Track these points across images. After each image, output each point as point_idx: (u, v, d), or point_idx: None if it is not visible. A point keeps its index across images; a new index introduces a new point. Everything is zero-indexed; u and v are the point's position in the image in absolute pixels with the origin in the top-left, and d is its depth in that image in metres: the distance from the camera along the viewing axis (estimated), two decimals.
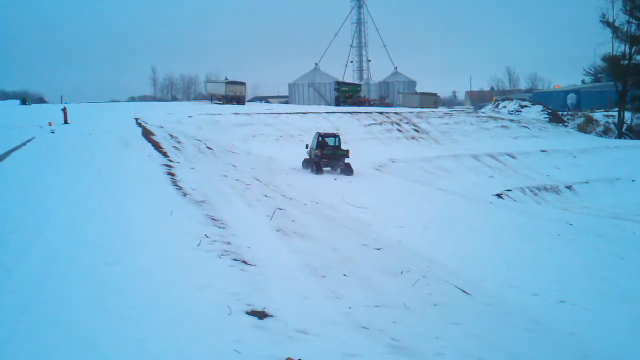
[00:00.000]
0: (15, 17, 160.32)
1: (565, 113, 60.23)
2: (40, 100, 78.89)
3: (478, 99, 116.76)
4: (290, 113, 42.42)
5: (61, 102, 59.04)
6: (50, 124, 31.93)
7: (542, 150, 38.78)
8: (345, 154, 26.31)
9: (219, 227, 9.62)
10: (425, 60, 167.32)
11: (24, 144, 23.46)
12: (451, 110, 60.35)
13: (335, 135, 27.73)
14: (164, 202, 11.16)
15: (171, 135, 27.73)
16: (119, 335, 5.14)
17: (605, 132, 53.89)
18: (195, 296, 6.19)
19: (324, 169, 26.12)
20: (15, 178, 15.04)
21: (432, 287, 8.94)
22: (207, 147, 26.68)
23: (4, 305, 5.91)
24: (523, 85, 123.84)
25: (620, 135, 52.14)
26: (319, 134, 27.42)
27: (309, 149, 27.34)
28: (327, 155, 26.17)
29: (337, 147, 26.57)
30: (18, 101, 62.58)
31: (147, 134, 26.68)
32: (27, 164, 17.86)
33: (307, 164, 27.17)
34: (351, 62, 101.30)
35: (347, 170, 25.98)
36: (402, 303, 7.29)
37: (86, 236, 8.64)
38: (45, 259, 7.45)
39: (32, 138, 25.56)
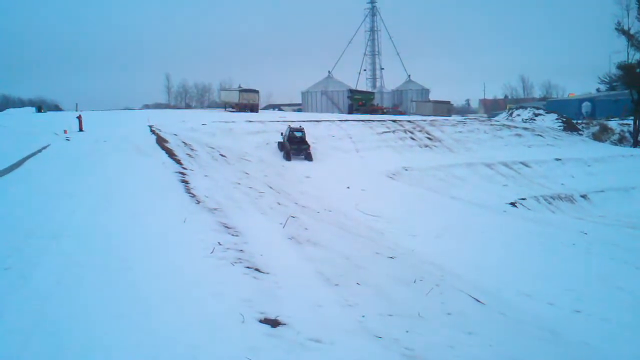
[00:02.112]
0: (32, 26, 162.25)
1: (580, 121, 59.83)
2: (56, 108, 79.66)
3: (492, 107, 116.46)
4: (303, 121, 42.41)
5: (76, 110, 59.55)
6: (65, 131, 32.21)
7: (557, 159, 38.48)
8: (308, 147, 33.71)
9: (232, 235, 9.63)
10: (439, 69, 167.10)
11: (39, 151, 23.66)
12: (465, 119, 60.13)
13: (301, 130, 34.76)
14: (177, 209, 11.20)
15: (185, 143, 27.84)
16: (132, 341, 5.15)
17: (621, 141, 53.42)
18: (209, 303, 6.20)
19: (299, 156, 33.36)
20: (30, 185, 15.17)
21: (446, 296, 8.89)
22: (220, 154, 26.75)
23: (20, 310, 5.95)
24: (537, 93, 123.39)
25: (635, 144, 51.66)
26: (290, 128, 34.78)
27: (283, 135, 35.03)
28: (294, 146, 33.59)
29: (302, 140, 33.95)
30: (34, 109, 63.26)
31: (161, 142, 26.80)
32: (43, 170, 17.99)
33: (281, 146, 34.41)
34: (364, 70, 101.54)
35: (308, 157, 33.32)
36: (416, 312, 7.26)
37: (100, 242, 8.69)
38: (60, 265, 7.50)
39: (48, 145, 25.77)
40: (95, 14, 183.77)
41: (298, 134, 34.17)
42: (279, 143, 34.93)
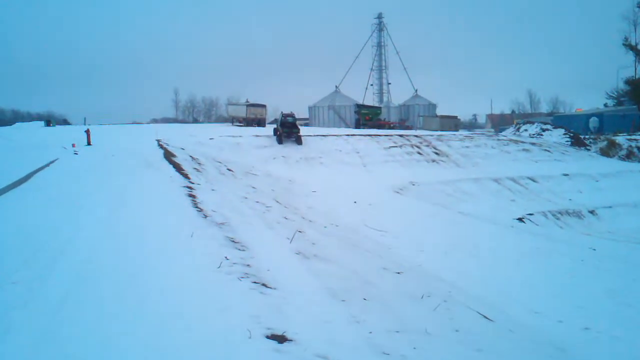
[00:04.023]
0: (40, 41, 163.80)
1: (587, 137, 59.63)
2: (64, 122, 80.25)
3: (499, 122, 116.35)
4: (310, 135, 42.53)
5: (84, 124, 59.94)
6: (73, 145, 32.39)
7: (564, 174, 38.35)
8: (298, 130, 39.71)
9: (239, 249, 9.62)
10: (446, 83, 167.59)
11: (47, 165, 23.78)
12: (472, 134, 60.06)
13: (292, 115, 40.79)
14: (185, 224, 11.20)
15: (192, 157, 27.93)
16: (139, 357, 5.13)
17: (629, 156, 53.13)
18: (216, 319, 6.17)
19: (284, 140, 38.79)
20: (38, 199, 15.22)
21: (454, 312, 8.83)
22: (227, 169, 26.80)
23: (27, 325, 5.94)
24: (544, 108, 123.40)
25: None
26: (282, 114, 41.28)
27: (277, 121, 42.76)
28: (286, 130, 39.32)
29: (293, 124, 39.75)
30: (42, 123, 63.79)
31: (168, 156, 26.89)
32: (51, 184, 18.06)
33: (275, 132, 40.37)
34: (371, 84, 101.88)
35: (298, 140, 39.00)
36: (423, 328, 7.20)
37: (108, 257, 8.69)
38: (68, 280, 7.50)
39: (56, 159, 25.90)
40: (104, 29, 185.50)
41: (290, 119, 40.08)
42: (274, 129, 41.17)
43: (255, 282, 7.67)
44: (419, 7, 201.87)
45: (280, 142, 38.62)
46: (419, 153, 40.78)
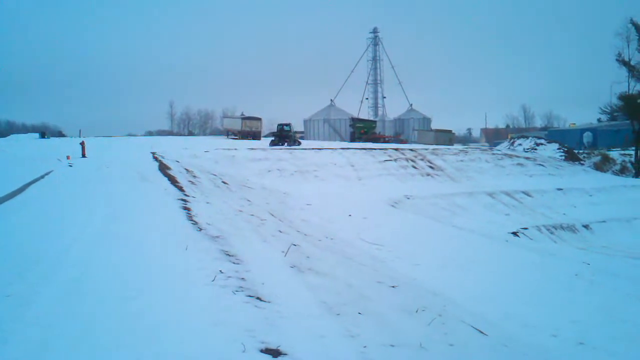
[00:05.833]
0: (36, 53, 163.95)
1: (581, 151, 59.96)
2: (59, 134, 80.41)
3: (493, 137, 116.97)
4: (305, 149, 42.66)
5: (79, 136, 59.91)
6: (68, 157, 32.38)
7: (559, 189, 38.48)
8: (289, 134, 51.71)
9: (234, 263, 9.61)
10: (441, 98, 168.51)
11: (42, 177, 23.74)
12: (466, 148, 60.28)
13: (288, 124, 53.01)
14: (179, 237, 11.19)
15: (187, 170, 27.93)
16: None
17: (622, 171, 53.43)
18: (210, 332, 6.16)
19: (281, 145, 48.24)
20: (32, 211, 15.18)
21: (448, 326, 8.81)
22: (222, 181, 26.79)
23: (21, 339, 5.91)
24: (538, 123, 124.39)
25: (637, 174, 51.65)
26: (279, 124, 53.05)
27: (273, 133, 54.10)
28: (282, 136, 51.24)
29: (288, 132, 52.04)
30: (37, 135, 63.88)
31: (163, 168, 26.89)
32: (45, 197, 18.02)
33: (271, 142, 50.65)
34: (366, 98, 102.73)
35: (293, 143, 49.61)
36: (418, 343, 7.19)
37: (103, 270, 8.66)
38: (62, 293, 7.47)
39: (50, 171, 25.87)
40: (99, 41, 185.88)
41: (286, 127, 52.33)
42: (271, 141, 51.80)
43: (249, 296, 7.66)
44: (414, 21, 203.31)
45: (274, 145, 47.99)
46: (414, 167, 40.88)
